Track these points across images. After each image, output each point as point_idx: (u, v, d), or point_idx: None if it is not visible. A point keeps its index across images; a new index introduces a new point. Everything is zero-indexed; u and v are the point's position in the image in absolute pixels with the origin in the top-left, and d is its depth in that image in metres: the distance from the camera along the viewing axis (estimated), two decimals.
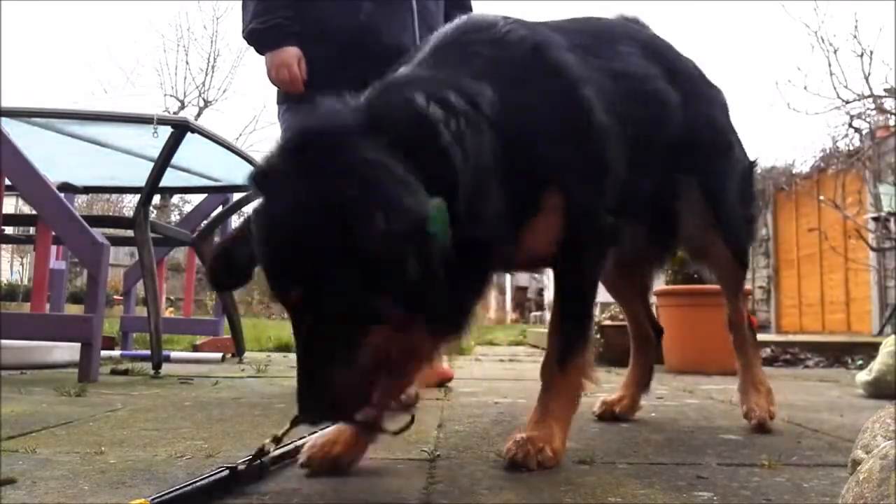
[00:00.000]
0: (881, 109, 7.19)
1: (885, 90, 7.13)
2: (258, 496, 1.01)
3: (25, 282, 12.10)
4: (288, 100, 2.48)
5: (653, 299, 4.58)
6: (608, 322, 3.99)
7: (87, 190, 3.95)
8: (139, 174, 3.15)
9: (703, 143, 1.63)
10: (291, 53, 2.28)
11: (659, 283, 3.94)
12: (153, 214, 14.27)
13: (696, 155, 1.63)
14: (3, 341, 2.75)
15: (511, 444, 1.23)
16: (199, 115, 17.81)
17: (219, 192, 3.90)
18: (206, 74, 18.24)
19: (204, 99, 18.22)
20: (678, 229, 1.71)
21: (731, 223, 1.72)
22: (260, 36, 2.32)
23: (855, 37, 7.14)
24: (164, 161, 2.83)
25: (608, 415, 1.80)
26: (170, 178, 3.17)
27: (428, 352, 1.18)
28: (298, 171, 1.02)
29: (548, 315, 12.69)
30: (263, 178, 1.06)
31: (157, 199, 13.32)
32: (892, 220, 6.63)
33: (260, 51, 2.34)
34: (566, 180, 1.33)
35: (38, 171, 2.58)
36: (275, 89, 2.58)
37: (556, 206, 1.32)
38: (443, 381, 2.53)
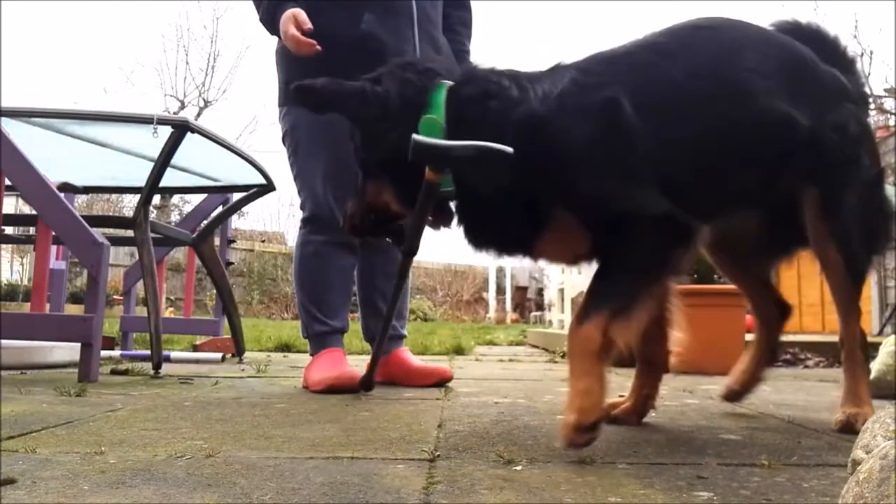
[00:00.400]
0: (881, 109, 7.19)
1: (885, 90, 7.13)
2: (258, 495, 1.01)
3: (25, 282, 12.09)
4: (289, 101, 2.48)
5: None
6: None
7: (87, 190, 3.95)
8: (139, 174, 3.15)
9: (825, 150, 1.63)
10: (287, 17, 2.22)
11: None
12: (153, 214, 14.26)
13: (817, 162, 1.63)
14: (3, 341, 2.75)
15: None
16: (199, 115, 17.80)
17: (219, 192, 3.89)
18: (206, 74, 18.22)
19: (204, 99, 18.20)
20: (799, 232, 1.73)
21: (847, 234, 1.69)
22: (264, 22, 2.33)
23: (855, 37, 7.13)
24: (164, 161, 2.83)
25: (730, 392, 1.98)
26: (170, 178, 3.17)
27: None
28: None
29: (548, 315, 12.67)
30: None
31: (157, 199, 13.31)
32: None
33: (276, 34, 2.34)
34: (576, 204, 1.45)
35: (38, 171, 2.58)
36: (274, 90, 2.58)
37: (565, 227, 1.46)
38: (443, 381, 2.53)
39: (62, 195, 2.68)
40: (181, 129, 2.75)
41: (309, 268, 2.48)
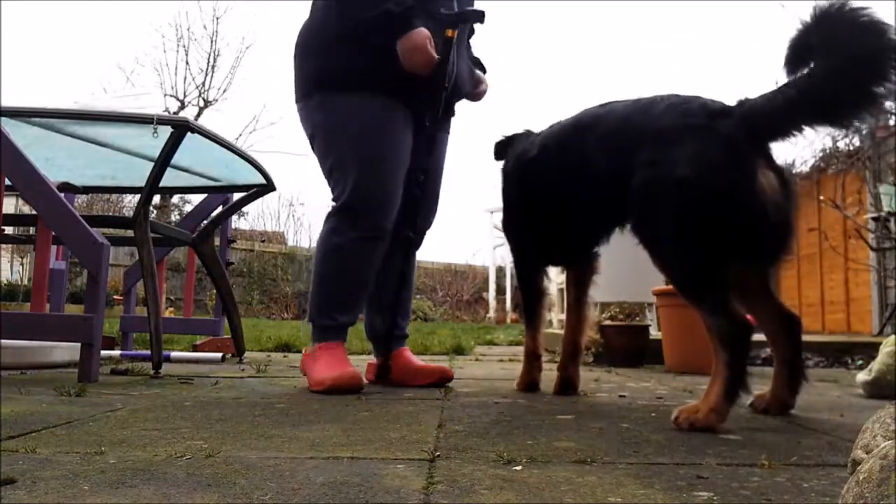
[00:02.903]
0: (881, 109, 7.19)
1: None
2: (258, 495, 1.01)
3: (25, 282, 12.09)
4: (327, 89, 2.39)
5: (652, 299, 4.58)
6: (608, 322, 3.99)
7: (87, 190, 3.95)
8: (139, 174, 3.15)
9: (631, 191, 1.84)
10: (427, 35, 2.28)
11: (659, 283, 3.94)
12: (153, 214, 14.25)
13: (628, 201, 1.86)
14: (3, 341, 2.75)
15: None
16: (199, 115, 17.78)
17: (219, 192, 3.89)
18: (206, 74, 18.20)
19: (204, 99, 18.18)
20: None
21: (667, 261, 1.84)
22: (396, 18, 2.27)
23: None
24: (164, 161, 2.83)
25: (757, 406, 1.98)
26: (170, 178, 3.17)
27: None
28: None
29: (548, 315, 12.68)
30: None
31: (157, 199, 13.30)
32: (892, 220, 6.63)
33: (391, 34, 2.30)
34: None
35: (38, 171, 2.58)
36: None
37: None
38: (444, 380, 2.53)
39: (62, 195, 2.68)
40: (181, 129, 2.75)
41: (332, 262, 2.42)
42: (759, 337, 2.00)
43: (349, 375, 2.29)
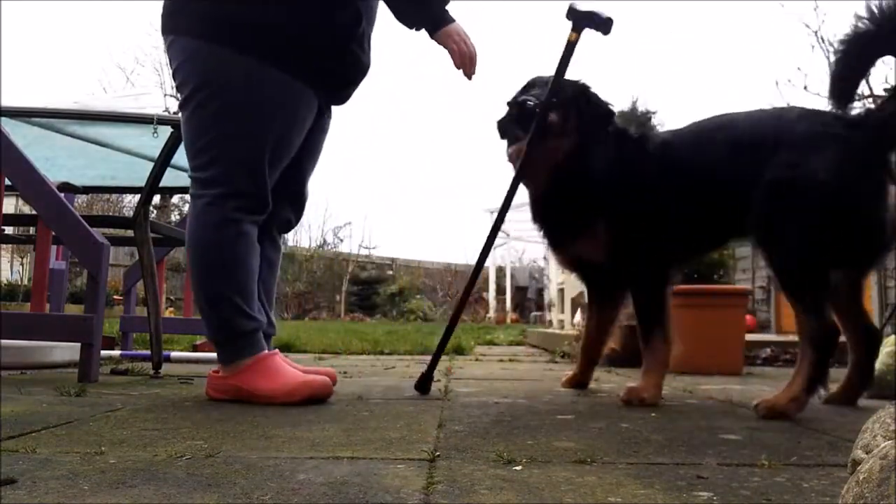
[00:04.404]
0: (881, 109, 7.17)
1: (885, 90, 7.10)
2: (258, 495, 1.01)
3: (25, 282, 12.09)
4: (255, 52, 2.03)
5: None
6: None
7: (87, 190, 3.95)
8: (139, 174, 3.15)
9: (760, 191, 1.95)
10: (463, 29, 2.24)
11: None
12: (153, 214, 14.25)
13: (756, 202, 1.96)
14: (3, 341, 2.75)
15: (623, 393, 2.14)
16: None
17: None
18: None
19: None
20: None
21: (781, 255, 1.97)
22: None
23: None
24: (164, 161, 2.83)
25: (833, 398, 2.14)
26: (170, 178, 3.17)
27: None
28: None
29: (548, 315, 12.71)
30: None
31: (157, 199, 13.30)
32: None
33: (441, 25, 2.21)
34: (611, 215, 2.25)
35: (38, 171, 2.58)
36: None
37: (600, 231, 2.27)
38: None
39: (62, 195, 2.68)
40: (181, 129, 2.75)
41: (234, 251, 2.07)
42: (759, 337, 2.03)
43: (319, 383, 2.04)
